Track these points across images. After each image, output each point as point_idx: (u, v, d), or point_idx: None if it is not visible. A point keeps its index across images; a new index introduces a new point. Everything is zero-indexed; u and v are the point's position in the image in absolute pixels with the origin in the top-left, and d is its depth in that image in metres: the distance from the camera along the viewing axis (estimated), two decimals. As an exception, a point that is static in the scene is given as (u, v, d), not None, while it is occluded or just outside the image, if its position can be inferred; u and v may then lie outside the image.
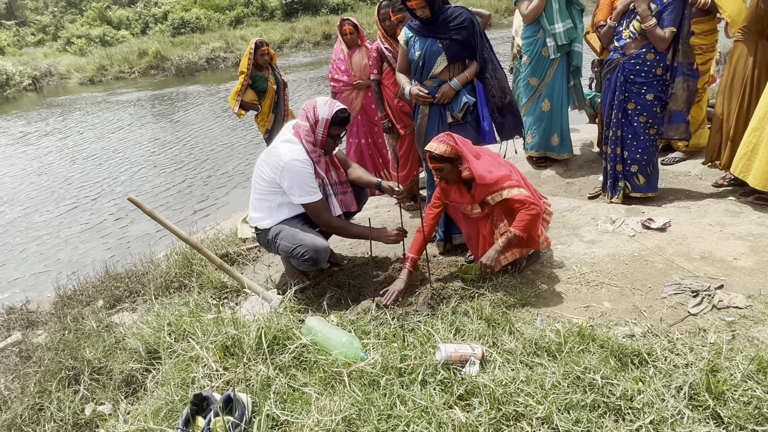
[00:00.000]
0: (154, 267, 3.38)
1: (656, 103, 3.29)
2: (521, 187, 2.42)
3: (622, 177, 3.52)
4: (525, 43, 4.14)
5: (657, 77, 3.24)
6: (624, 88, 3.33)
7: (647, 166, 3.43)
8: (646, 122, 3.34)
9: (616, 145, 3.47)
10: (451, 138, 2.43)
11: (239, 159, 7.83)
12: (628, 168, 3.48)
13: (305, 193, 2.61)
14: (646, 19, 3.09)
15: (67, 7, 30.86)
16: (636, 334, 2.05)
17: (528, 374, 1.84)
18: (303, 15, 24.72)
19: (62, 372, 2.42)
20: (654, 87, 3.26)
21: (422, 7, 2.69)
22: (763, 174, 2.96)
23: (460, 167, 2.45)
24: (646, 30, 3.11)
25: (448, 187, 2.58)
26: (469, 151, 2.43)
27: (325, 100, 2.64)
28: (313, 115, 2.60)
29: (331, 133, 2.64)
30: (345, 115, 2.64)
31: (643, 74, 3.25)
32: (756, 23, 3.22)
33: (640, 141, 3.38)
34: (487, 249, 2.52)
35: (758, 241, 2.68)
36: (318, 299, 2.66)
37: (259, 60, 4.64)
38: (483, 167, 2.40)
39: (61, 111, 13.61)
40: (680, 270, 2.50)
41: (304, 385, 1.94)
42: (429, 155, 2.44)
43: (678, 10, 3.07)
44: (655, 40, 3.12)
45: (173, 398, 1.96)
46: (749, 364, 1.75)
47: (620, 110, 3.39)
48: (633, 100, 3.33)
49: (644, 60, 3.22)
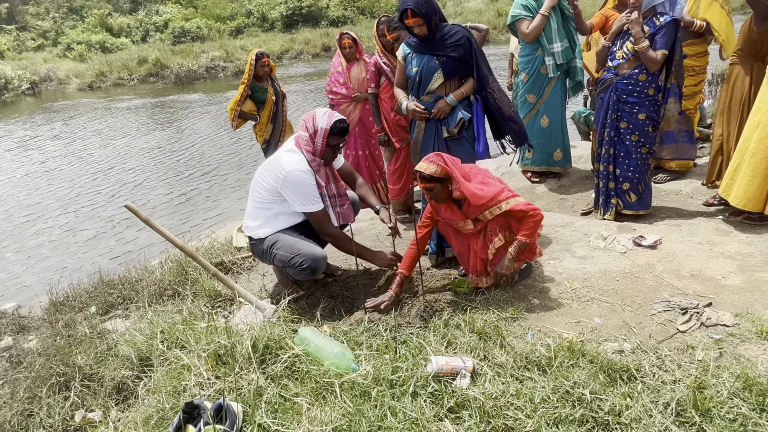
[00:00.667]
0: (149, 274, 3.38)
1: (648, 122, 3.35)
2: (517, 197, 2.46)
3: (614, 194, 3.57)
4: (524, 61, 4.22)
5: (649, 97, 3.30)
6: (617, 107, 3.40)
7: (638, 184, 3.49)
8: (637, 141, 3.40)
9: (608, 163, 3.52)
10: (441, 158, 2.46)
11: (236, 168, 7.86)
12: (620, 185, 3.53)
13: (308, 203, 2.65)
14: (639, 41, 3.16)
15: (68, 13, 31.03)
16: (625, 350, 2.07)
17: (518, 388, 1.86)
18: (303, 27, 24.96)
19: (53, 378, 2.41)
20: (646, 107, 3.32)
21: (420, 24, 2.74)
22: (744, 193, 3.01)
23: (450, 187, 2.48)
24: (639, 51, 3.19)
25: (439, 205, 2.61)
26: (459, 171, 2.45)
27: (325, 111, 2.68)
28: (312, 125, 2.64)
29: (330, 143, 2.66)
30: (344, 126, 2.66)
31: (635, 94, 3.32)
32: (750, 46, 3.31)
33: (631, 159, 3.44)
34: (479, 263, 2.55)
35: (747, 260, 2.73)
36: (311, 309, 2.67)
37: (259, 71, 4.69)
38: (474, 186, 2.43)
39: (60, 116, 13.62)
40: (670, 287, 2.54)
41: (296, 395, 1.95)
42: (419, 175, 2.46)
43: (670, 34, 3.15)
44: (647, 61, 3.19)
45: (164, 406, 1.95)
46: (735, 382, 1.77)
47: (613, 129, 3.45)
48: (625, 119, 3.39)
49: (636, 80, 3.29)
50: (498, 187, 2.47)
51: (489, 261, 2.54)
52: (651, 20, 3.20)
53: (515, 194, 2.47)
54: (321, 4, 26.28)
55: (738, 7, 10.31)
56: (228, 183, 7.24)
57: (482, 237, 2.55)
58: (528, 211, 2.42)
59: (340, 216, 2.82)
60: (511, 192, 2.48)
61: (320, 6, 26.14)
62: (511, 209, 2.42)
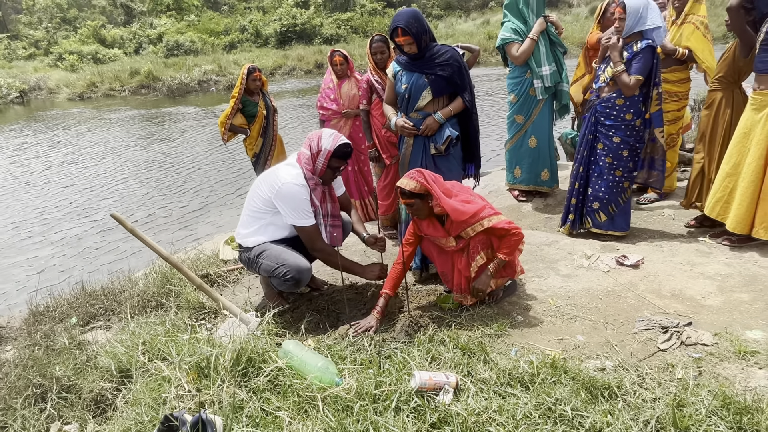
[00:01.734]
0: (132, 285, 3.34)
1: (623, 146, 3.39)
2: (498, 214, 2.50)
3: (582, 212, 3.64)
4: (512, 83, 4.30)
5: (625, 122, 3.35)
6: (594, 128, 3.47)
7: (608, 205, 3.51)
8: (611, 163, 3.44)
9: (580, 180, 3.59)
10: (421, 174, 2.50)
11: (225, 181, 7.84)
12: (590, 204, 3.59)
13: (300, 216, 2.65)
14: (616, 65, 3.25)
15: (61, 23, 31.04)
16: (607, 368, 2.09)
17: (500, 404, 1.86)
18: (296, 43, 25.21)
19: (29, 389, 2.35)
20: (621, 131, 3.36)
21: (410, 43, 2.80)
22: (741, 219, 3.09)
23: (430, 203, 2.51)
24: (614, 75, 3.27)
25: (422, 222, 2.64)
26: (440, 187, 2.49)
27: (331, 133, 2.69)
28: (316, 144, 2.65)
29: (332, 164, 2.67)
30: (347, 150, 2.68)
31: (612, 117, 3.38)
32: (732, 73, 3.41)
33: (603, 180, 3.48)
34: (463, 282, 2.58)
35: (726, 280, 2.78)
36: (296, 323, 2.66)
37: (251, 85, 4.73)
38: (456, 203, 2.46)
39: (48, 125, 13.52)
40: (651, 306, 2.57)
41: (278, 409, 1.93)
42: (400, 191, 2.51)
43: (646, 60, 3.20)
44: (620, 85, 3.26)
45: (143, 419, 1.92)
46: (713, 400, 1.79)
47: (587, 149, 3.53)
48: (601, 140, 3.46)
49: (614, 104, 3.36)
50: (480, 204, 2.51)
51: (472, 279, 2.56)
52: (630, 46, 3.27)
53: (497, 212, 2.51)
54: (315, 22, 26.61)
55: (720, 37, 10.63)
56: (217, 196, 7.22)
57: (465, 255, 2.57)
58: (509, 229, 2.45)
59: (329, 236, 2.82)
60: (493, 210, 2.51)
61: (314, 24, 26.47)
62: (493, 227, 2.46)
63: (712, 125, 3.57)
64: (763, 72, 3.04)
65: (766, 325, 2.36)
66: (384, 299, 2.63)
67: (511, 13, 4.16)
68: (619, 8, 3.23)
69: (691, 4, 3.90)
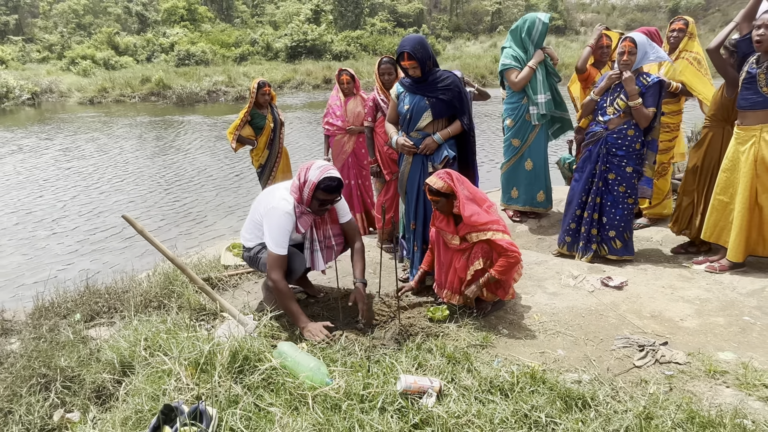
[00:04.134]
0: (135, 285, 3.47)
1: (634, 174, 3.54)
2: (506, 234, 2.65)
3: (598, 241, 3.72)
4: (509, 108, 4.48)
5: (636, 151, 3.51)
6: (606, 159, 3.59)
7: (624, 232, 3.65)
8: (624, 192, 3.58)
9: (594, 211, 3.68)
10: (450, 176, 2.70)
11: (229, 189, 8.01)
12: (606, 232, 3.68)
13: (273, 243, 2.71)
14: (634, 98, 3.37)
15: (75, 28, 31.66)
16: (583, 380, 2.21)
17: (480, 409, 1.97)
18: (306, 58, 25.66)
19: (33, 379, 2.46)
20: (633, 160, 3.52)
21: (414, 67, 2.98)
22: (735, 248, 3.29)
23: (454, 202, 2.70)
24: (633, 108, 3.38)
25: (440, 215, 2.85)
26: (466, 191, 2.70)
27: (321, 165, 2.69)
28: (304, 174, 2.70)
29: (317, 196, 2.66)
30: (333, 184, 2.64)
31: (624, 148, 3.51)
32: (722, 111, 3.57)
33: (618, 209, 3.61)
34: (455, 280, 2.75)
35: (704, 305, 2.90)
36: (292, 327, 2.78)
37: (260, 99, 4.90)
38: (473, 209, 2.66)
39: (59, 129, 13.76)
40: (631, 326, 2.69)
41: (270, 405, 2.04)
42: (428, 188, 2.74)
43: (656, 93, 3.38)
44: (639, 117, 3.39)
45: (143, 408, 2.04)
46: (680, 414, 1.91)
47: (601, 179, 3.63)
48: (614, 171, 3.58)
49: (625, 135, 3.50)
50: (494, 218, 2.70)
51: (465, 283, 2.72)
52: (639, 80, 3.42)
53: (506, 231, 2.68)
54: (325, 38, 27.10)
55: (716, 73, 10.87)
56: (221, 204, 7.37)
57: (465, 258, 2.74)
58: (507, 249, 2.61)
59: (311, 260, 2.89)
60: (503, 227, 2.68)
61: (324, 40, 26.96)
62: (495, 241, 2.62)
63: (702, 159, 3.71)
64: (744, 108, 3.20)
65: (737, 347, 2.48)
66: (421, 273, 3.09)
67: (513, 40, 4.35)
68: (630, 43, 3.36)
69: (686, 42, 4.10)
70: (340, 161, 4.66)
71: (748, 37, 3.21)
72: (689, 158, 3.90)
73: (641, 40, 3.36)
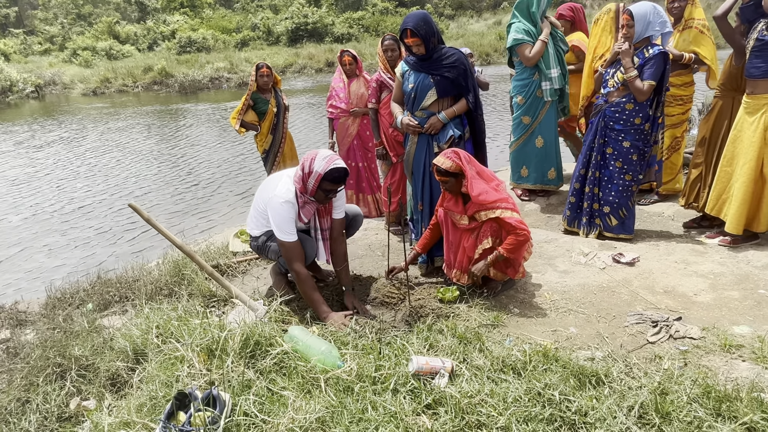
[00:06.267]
0: (146, 274, 3.49)
1: (632, 150, 3.46)
2: (515, 212, 2.62)
3: (598, 215, 3.71)
4: (520, 85, 4.37)
5: (635, 126, 3.42)
6: (604, 133, 3.53)
7: (619, 209, 3.59)
8: (621, 168, 3.52)
9: (594, 185, 3.65)
10: (457, 155, 2.67)
11: (235, 176, 8.00)
12: (601, 208, 3.66)
13: (280, 232, 2.69)
14: (629, 71, 3.29)
15: (76, 19, 31.48)
16: (596, 358, 2.19)
17: (492, 388, 1.97)
18: (308, 42, 25.37)
19: (49, 368, 2.50)
20: (631, 135, 3.44)
21: (418, 44, 2.91)
22: (735, 220, 3.21)
23: (463, 182, 2.67)
24: (627, 80, 3.31)
25: (449, 195, 2.83)
26: (474, 170, 2.68)
27: (326, 155, 2.65)
28: (308, 165, 2.65)
29: (323, 187, 2.64)
30: (339, 174, 2.62)
31: (621, 122, 3.44)
32: (731, 80, 3.47)
33: (614, 184, 3.56)
34: (464, 260, 2.73)
35: (718, 279, 2.86)
36: (302, 311, 2.78)
37: (260, 81, 4.80)
38: (481, 188, 2.64)
39: (64, 120, 13.78)
40: (644, 302, 2.66)
41: (283, 388, 2.05)
42: (435, 168, 2.71)
43: (659, 65, 3.26)
44: (634, 90, 3.31)
45: (157, 395, 2.05)
46: (695, 388, 1.89)
47: (599, 153, 3.59)
48: (611, 145, 3.53)
49: (623, 109, 3.42)
50: (502, 196, 2.67)
51: (474, 261, 2.70)
52: (641, 51, 3.33)
53: (515, 209, 2.65)
54: (326, 20, 26.75)
55: (723, 43, 10.66)
56: (228, 190, 7.37)
57: (474, 236, 2.73)
58: (516, 227, 2.57)
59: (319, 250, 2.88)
60: (511, 205, 2.65)
61: (325, 23, 26.60)
62: (504, 219, 2.59)
63: (711, 130, 3.63)
64: (753, 77, 3.11)
65: (753, 321, 2.45)
66: (413, 254, 3.05)
67: (521, 15, 4.23)
68: (626, 16, 3.29)
69: (690, 10, 3.97)
70: (345, 144, 4.61)
71: (752, 4, 3.10)
72: (698, 130, 3.82)
73: (641, 10, 3.26)
